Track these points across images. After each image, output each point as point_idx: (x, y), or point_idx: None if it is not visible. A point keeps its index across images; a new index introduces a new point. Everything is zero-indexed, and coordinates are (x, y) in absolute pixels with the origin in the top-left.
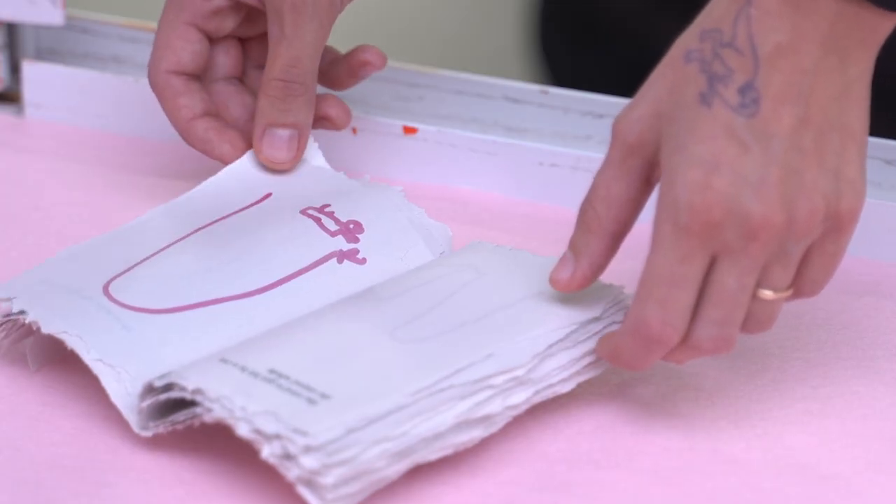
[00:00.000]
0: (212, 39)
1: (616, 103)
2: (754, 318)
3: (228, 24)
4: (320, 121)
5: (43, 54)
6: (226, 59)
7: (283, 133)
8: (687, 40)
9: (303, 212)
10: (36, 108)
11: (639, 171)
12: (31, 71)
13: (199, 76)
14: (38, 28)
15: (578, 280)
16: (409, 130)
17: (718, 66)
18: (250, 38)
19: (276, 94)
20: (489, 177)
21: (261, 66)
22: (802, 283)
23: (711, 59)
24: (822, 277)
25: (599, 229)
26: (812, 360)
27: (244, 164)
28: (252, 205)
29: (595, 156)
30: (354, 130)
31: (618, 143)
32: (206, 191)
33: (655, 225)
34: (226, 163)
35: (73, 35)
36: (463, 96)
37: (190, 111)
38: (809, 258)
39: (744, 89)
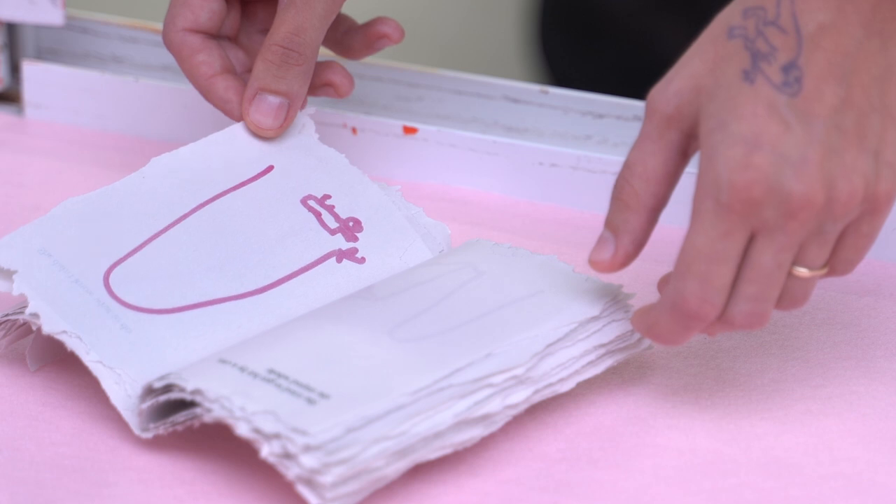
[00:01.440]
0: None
1: (616, 103)
2: (789, 295)
3: None
4: (323, 88)
5: (43, 54)
6: (231, 19)
7: (274, 100)
8: (729, 17)
9: (304, 201)
10: (36, 108)
11: (676, 144)
12: (31, 71)
13: (215, 36)
14: (38, 28)
15: (621, 258)
16: (409, 130)
17: (762, 43)
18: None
19: (273, 59)
20: (489, 177)
21: (264, 31)
22: (836, 262)
23: (755, 37)
24: (855, 257)
25: (638, 205)
26: (812, 360)
27: (243, 128)
28: (254, 178)
29: (595, 155)
30: (354, 130)
31: (655, 116)
32: (207, 152)
33: (695, 202)
34: (239, 120)
35: (73, 35)
36: (463, 96)
37: (210, 68)
38: (844, 238)
39: (787, 68)
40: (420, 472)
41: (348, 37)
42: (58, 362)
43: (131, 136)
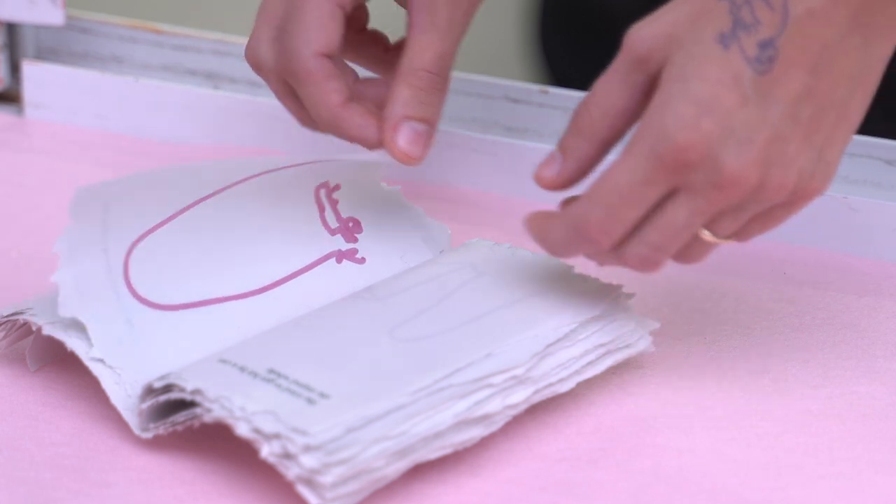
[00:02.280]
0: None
1: None
2: (687, 252)
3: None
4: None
5: (43, 54)
6: None
7: (420, 127)
8: None
9: (317, 190)
10: (36, 108)
11: (640, 85)
12: (31, 71)
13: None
14: (38, 28)
15: (564, 179)
16: None
17: (747, 13)
18: None
19: (421, 86)
20: (489, 177)
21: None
22: (741, 232)
23: (742, 4)
24: (758, 233)
25: (592, 134)
26: (812, 360)
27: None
28: (284, 168)
29: None
30: None
31: (626, 54)
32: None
33: (633, 139)
34: (377, 148)
35: (73, 35)
36: (463, 96)
37: (341, 95)
38: (756, 216)
39: (764, 44)
40: (420, 472)
41: (392, 54)
42: (58, 362)
43: (131, 136)
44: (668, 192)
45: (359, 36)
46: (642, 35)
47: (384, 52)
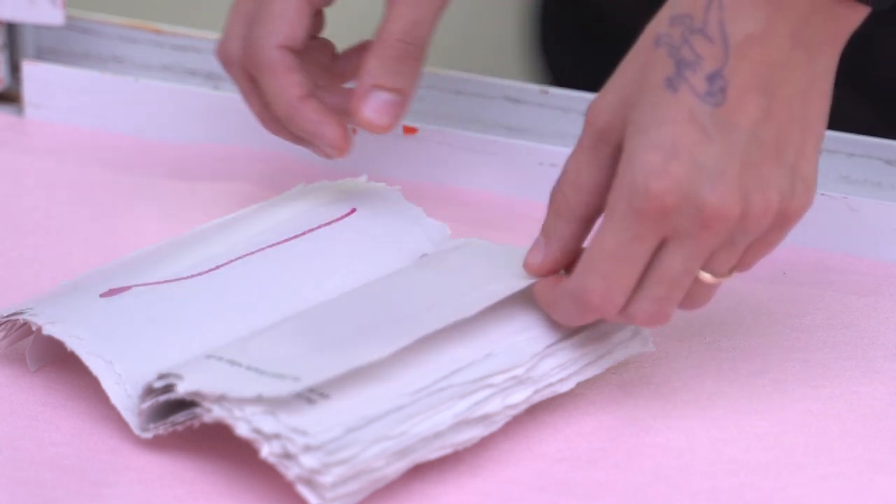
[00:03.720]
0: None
1: None
2: (692, 298)
3: None
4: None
5: (43, 54)
6: None
7: (389, 97)
8: (656, 26)
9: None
10: (36, 108)
11: (608, 157)
12: (31, 71)
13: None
14: (38, 28)
15: (549, 264)
16: (409, 130)
17: (687, 51)
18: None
19: (392, 55)
20: (489, 177)
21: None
22: (739, 264)
23: (680, 45)
24: (754, 261)
25: (569, 214)
26: (812, 360)
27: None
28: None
29: None
30: (354, 130)
31: (588, 129)
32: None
33: (610, 201)
34: (333, 148)
35: (73, 35)
36: (463, 96)
37: (301, 89)
38: (749, 246)
39: (712, 77)
40: (420, 472)
41: (340, 62)
42: (58, 362)
43: (131, 136)
44: (658, 243)
45: (310, 42)
46: (599, 107)
47: (331, 60)
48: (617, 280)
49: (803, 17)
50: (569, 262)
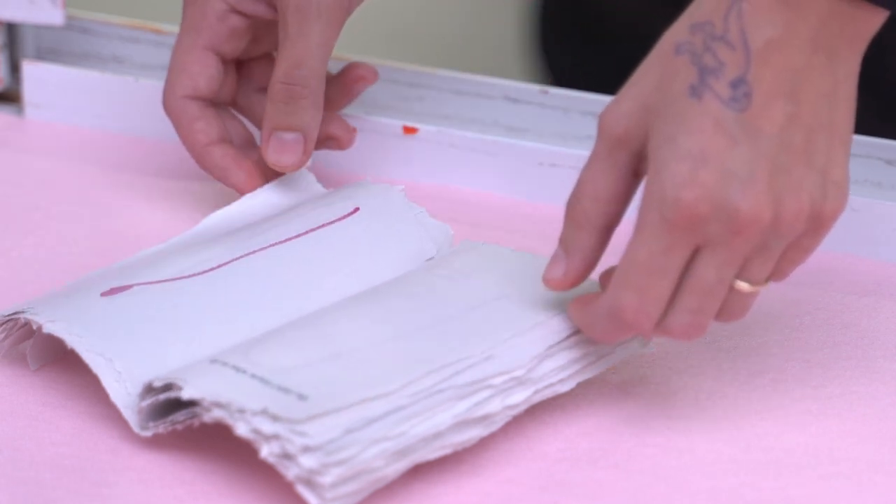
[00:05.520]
0: (224, 63)
1: None
2: (729, 309)
3: (241, 44)
4: (325, 141)
5: (43, 54)
6: (228, 82)
7: (289, 136)
8: (676, 33)
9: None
10: (36, 108)
11: (626, 164)
12: (31, 71)
13: (214, 101)
14: (38, 28)
15: (572, 277)
16: (409, 130)
17: (709, 58)
18: (252, 59)
19: (279, 98)
20: (489, 177)
21: (262, 90)
22: (775, 271)
23: (702, 52)
24: (791, 269)
25: (588, 224)
26: (812, 360)
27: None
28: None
29: None
30: (354, 130)
31: (604, 137)
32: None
33: (641, 213)
34: (241, 191)
35: (73, 35)
36: (463, 96)
37: (206, 136)
38: (784, 252)
39: (736, 83)
40: (420, 472)
41: (327, 89)
42: (58, 362)
43: (131, 136)
44: (691, 253)
45: (257, 94)
46: (615, 115)
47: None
48: (651, 293)
49: (822, 21)
50: (588, 275)
